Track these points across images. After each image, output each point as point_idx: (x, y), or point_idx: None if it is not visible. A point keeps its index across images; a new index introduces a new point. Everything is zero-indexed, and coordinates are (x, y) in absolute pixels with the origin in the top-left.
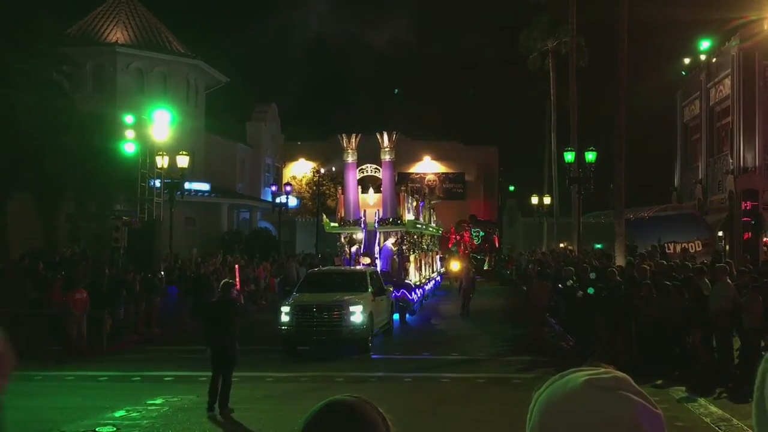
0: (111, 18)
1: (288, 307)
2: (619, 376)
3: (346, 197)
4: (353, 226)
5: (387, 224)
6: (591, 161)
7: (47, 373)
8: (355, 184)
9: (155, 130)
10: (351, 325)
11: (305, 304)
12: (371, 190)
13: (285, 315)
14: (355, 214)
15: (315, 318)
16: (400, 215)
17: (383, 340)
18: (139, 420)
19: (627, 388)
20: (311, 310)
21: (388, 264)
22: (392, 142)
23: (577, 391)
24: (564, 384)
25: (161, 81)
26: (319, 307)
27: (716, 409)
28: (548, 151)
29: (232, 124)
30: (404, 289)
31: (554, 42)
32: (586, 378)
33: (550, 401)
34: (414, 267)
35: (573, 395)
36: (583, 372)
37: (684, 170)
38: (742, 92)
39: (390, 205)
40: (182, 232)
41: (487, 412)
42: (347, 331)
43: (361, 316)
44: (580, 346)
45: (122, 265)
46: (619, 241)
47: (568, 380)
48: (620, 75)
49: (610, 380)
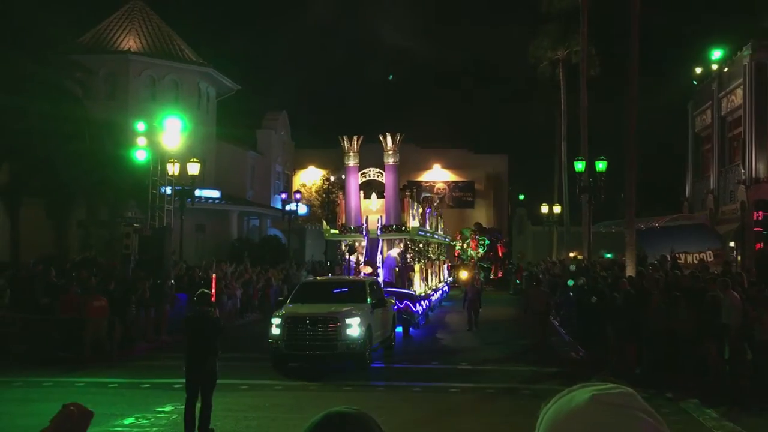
0: (124, 26)
1: (279, 319)
2: (626, 391)
3: (347, 203)
4: (354, 234)
5: (390, 231)
6: (602, 171)
7: (57, 379)
8: (357, 189)
9: (166, 137)
10: (347, 339)
11: (298, 316)
12: (374, 196)
13: (275, 327)
14: (356, 220)
15: (308, 331)
16: (404, 222)
17: (383, 354)
18: (149, 427)
19: (634, 405)
20: (304, 323)
21: (391, 274)
22: (396, 144)
23: (582, 408)
24: (569, 400)
25: (173, 88)
26: (313, 318)
27: (728, 422)
28: (558, 160)
29: (243, 132)
30: (408, 300)
31: (564, 51)
32: (592, 394)
33: (555, 418)
34: (419, 277)
35: (578, 412)
36: (589, 387)
37: (695, 180)
38: (754, 102)
39: (393, 211)
40: (192, 240)
41: (497, 423)
42: (343, 346)
43: (359, 329)
44: (591, 356)
45: (132, 271)
46: (630, 251)
47: (574, 396)
48: (631, 84)
49: (616, 396)
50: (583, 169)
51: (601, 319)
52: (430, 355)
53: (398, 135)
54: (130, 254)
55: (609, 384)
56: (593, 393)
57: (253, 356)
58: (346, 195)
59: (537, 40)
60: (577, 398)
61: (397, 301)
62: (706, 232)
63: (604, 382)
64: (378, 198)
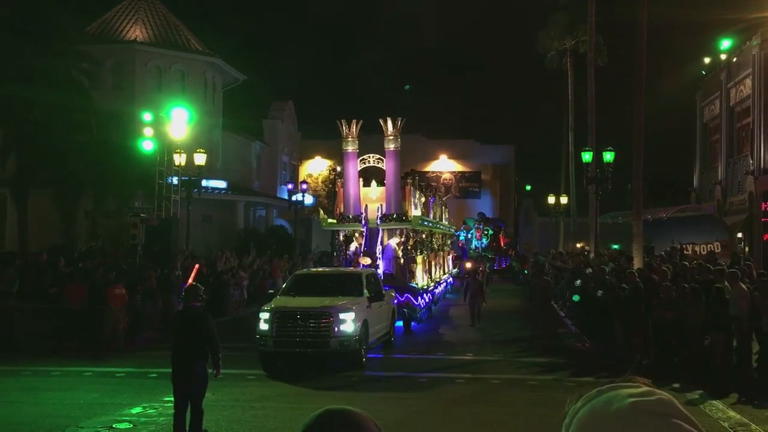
0: (130, 16)
1: (267, 313)
2: (665, 399)
3: (346, 191)
4: (353, 223)
5: (390, 221)
6: (609, 161)
7: (65, 368)
8: (355, 176)
9: (173, 127)
10: (341, 335)
11: (287, 310)
12: (374, 183)
13: (263, 323)
14: (355, 209)
15: (299, 326)
16: (405, 211)
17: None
18: (156, 417)
19: (676, 414)
20: (294, 317)
21: (392, 265)
22: (397, 129)
23: (622, 416)
24: (606, 404)
25: (179, 79)
26: (304, 313)
27: (734, 414)
28: (565, 150)
29: (249, 122)
30: (409, 293)
31: (572, 41)
32: (632, 401)
33: (589, 422)
34: (422, 269)
35: (617, 419)
36: (623, 390)
37: (703, 171)
38: (763, 92)
39: (394, 199)
40: (199, 230)
41: (502, 413)
42: (336, 343)
43: (353, 324)
44: (596, 347)
45: (139, 261)
46: (637, 242)
47: (610, 400)
48: (639, 74)
49: (656, 404)
50: (590, 160)
51: (608, 311)
52: (434, 346)
53: (399, 119)
54: (137, 244)
55: (643, 387)
56: (633, 400)
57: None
58: (345, 182)
59: (545, 30)
60: (615, 403)
61: (397, 295)
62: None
63: (632, 382)
64: (378, 186)
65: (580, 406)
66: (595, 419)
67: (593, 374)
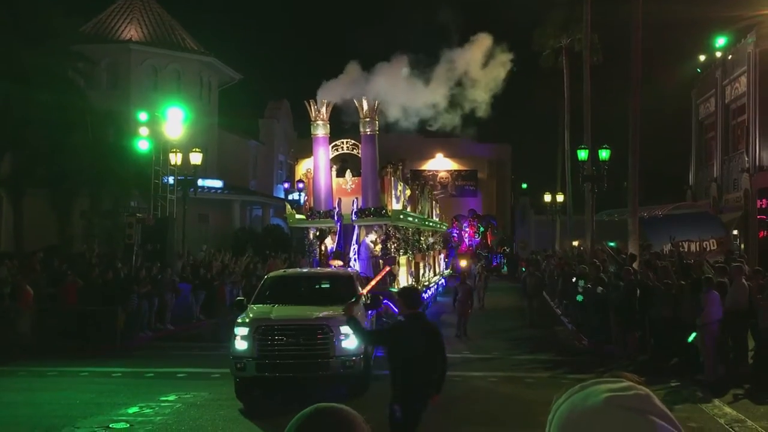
0: (125, 15)
1: (245, 328)
2: (642, 393)
3: (316, 182)
4: (325, 219)
5: (367, 216)
6: (605, 159)
7: (61, 368)
8: (327, 166)
9: (168, 127)
10: (343, 354)
11: (271, 324)
12: (349, 173)
13: (240, 340)
14: (327, 203)
15: (290, 344)
16: (384, 204)
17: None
18: (152, 416)
19: (650, 409)
20: (283, 333)
21: (369, 267)
22: (375, 111)
23: (595, 410)
24: (583, 399)
25: (175, 78)
26: (296, 327)
27: (730, 410)
28: (561, 148)
29: (245, 121)
30: (389, 300)
31: (568, 39)
32: (607, 396)
33: (569, 417)
34: (406, 271)
35: (592, 414)
36: (603, 385)
37: (699, 168)
38: (758, 90)
39: (371, 191)
40: (195, 229)
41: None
42: (338, 363)
43: (357, 340)
44: (594, 345)
45: (135, 261)
46: (633, 239)
47: (588, 395)
48: (634, 72)
49: (632, 399)
50: (586, 158)
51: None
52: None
53: (376, 101)
54: (133, 244)
55: (624, 382)
56: (607, 395)
57: None
58: (315, 172)
59: (540, 27)
60: (591, 398)
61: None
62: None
63: (618, 378)
64: (354, 176)
65: (562, 401)
66: (573, 414)
67: (590, 372)
